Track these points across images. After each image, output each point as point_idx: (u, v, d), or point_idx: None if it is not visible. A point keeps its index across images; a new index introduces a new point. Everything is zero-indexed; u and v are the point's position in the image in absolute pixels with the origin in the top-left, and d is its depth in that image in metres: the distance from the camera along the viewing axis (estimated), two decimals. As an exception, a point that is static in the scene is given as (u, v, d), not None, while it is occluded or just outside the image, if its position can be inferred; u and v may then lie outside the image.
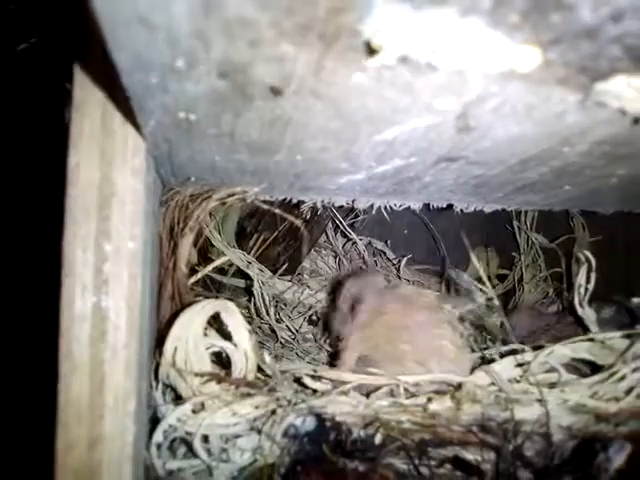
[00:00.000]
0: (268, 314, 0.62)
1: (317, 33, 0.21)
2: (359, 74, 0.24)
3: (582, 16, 0.19)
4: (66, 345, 0.32)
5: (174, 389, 0.40)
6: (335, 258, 0.87)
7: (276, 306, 0.74)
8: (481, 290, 0.66)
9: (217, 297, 0.63)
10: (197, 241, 0.56)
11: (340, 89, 0.26)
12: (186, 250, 0.44)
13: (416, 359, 0.48)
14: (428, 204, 0.54)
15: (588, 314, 0.54)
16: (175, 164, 0.40)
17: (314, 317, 0.76)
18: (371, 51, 0.21)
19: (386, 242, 0.89)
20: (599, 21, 0.20)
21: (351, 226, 0.84)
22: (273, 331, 0.67)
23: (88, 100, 0.34)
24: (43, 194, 0.37)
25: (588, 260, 0.53)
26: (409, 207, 0.56)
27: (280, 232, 0.82)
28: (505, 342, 0.53)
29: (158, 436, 0.38)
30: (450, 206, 0.55)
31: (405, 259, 0.86)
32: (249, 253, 0.76)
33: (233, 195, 0.44)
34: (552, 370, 0.48)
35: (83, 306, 0.33)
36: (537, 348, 0.50)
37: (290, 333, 0.72)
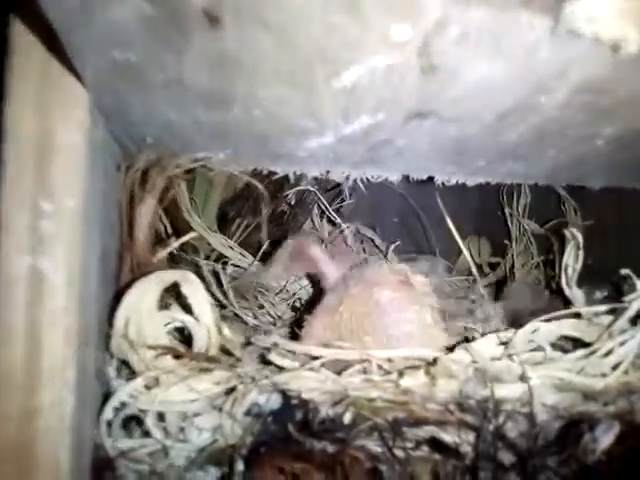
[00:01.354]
0: (227, 298, 0.59)
1: None
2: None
3: None
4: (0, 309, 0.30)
5: (128, 364, 0.37)
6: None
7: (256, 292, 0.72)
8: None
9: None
10: (174, 219, 0.54)
11: (283, 13, 0.24)
12: (146, 218, 0.42)
13: (379, 349, 0.45)
14: (407, 176, 0.51)
15: (576, 295, 0.52)
16: (129, 123, 0.38)
17: (297, 304, 0.74)
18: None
19: (374, 229, 0.87)
20: None
21: (337, 211, 0.81)
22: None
23: (25, 49, 0.31)
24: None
25: (576, 238, 0.51)
26: (390, 184, 0.53)
27: (263, 217, 0.79)
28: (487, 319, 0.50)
29: (108, 413, 0.36)
30: (431, 179, 0.52)
31: (393, 246, 0.83)
32: (231, 238, 0.74)
33: (196, 161, 0.42)
34: (537, 349, 0.45)
35: (17, 267, 0.30)
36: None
37: (271, 319, 0.69)
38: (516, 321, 0.69)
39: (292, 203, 0.82)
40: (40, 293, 0.31)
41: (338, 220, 0.80)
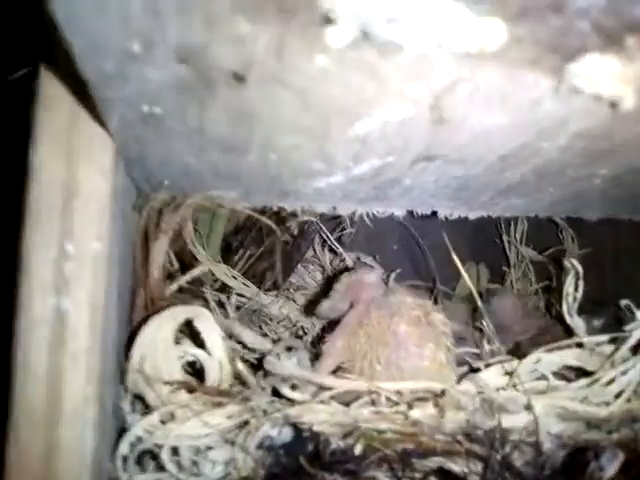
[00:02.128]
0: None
1: (274, 7, 0.20)
2: (322, 57, 0.24)
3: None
4: (22, 349, 0.31)
5: (143, 399, 0.38)
6: (322, 273, 0.86)
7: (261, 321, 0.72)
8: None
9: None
10: (176, 250, 0.55)
11: (304, 75, 0.25)
12: (160, 256, 0.43)
13: (388, 380, 0.46)
14: (412, 211, 0.53)
15: (577, 323, 0.53)
16: (147, 167, 0.39)
17: (300, 332, 0.74)
18: (329, 22, 0.20)
19: (374, 257, 0.88)
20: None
21: (339, 240, 0.83)
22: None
23: (53, 97, 0.33)
24: (4, 192, 0.36)
25: (575, 268, 0.52)
26: (395, 217, 0.55)
27: (266, 248, 0.81)
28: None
29: (124, 448, 0.36)
30: (434, 214, 0.54)
31: (394, 274, 0.84)
32: (235, 268, 0.75)
33: (209, 200, 0.43)
34: (540, 378, 0.46)
35: (42, 308, 0.31)
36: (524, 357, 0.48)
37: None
38: (501, 334, 0.71)
39: (294, 233, 0.83)
40: (63, 334, 0.32)
41: (340, 249, 0.81)
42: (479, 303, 0.57)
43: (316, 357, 0.48)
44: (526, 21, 0.21)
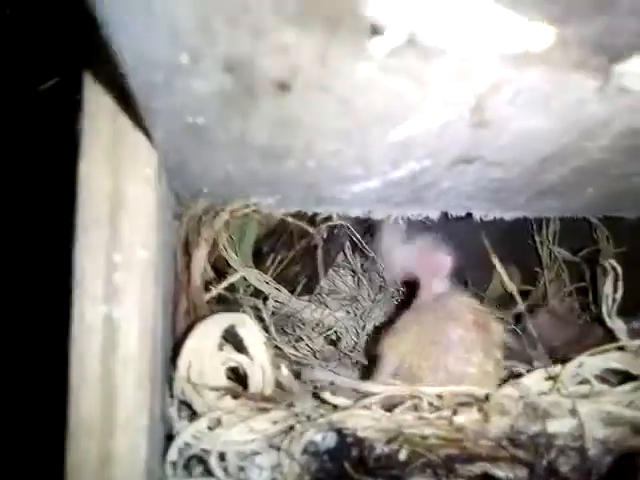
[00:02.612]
0: (269, 333, 0.61)
1: (320, 17, 0.21)
2: (366, 64, 0.24)
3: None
4: (77, 357, 0.31)
5: (189, 405, 0.39)
6: (353, 277, 0.86)
7: (294, 326, 0.73)
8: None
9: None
10: (212, 257, 0.56)
11: (347, 82, 0.26)
12: (200, 263, 0.44)
13: (434, 382, 0.46)
14: (446, 213, 0.52)
15: (618, 325, 0.52)
16: (188, 176, 0.40)
17: (333, 337, 0.75)
18: (375, 31, 0.20)
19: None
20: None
21: (369, 244, 0.83)
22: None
23: (99, 110, 0.34)
24: (54, 204, 0.37)
25: (614, 269, 0.52)
26: (428, 219, 0.55)
27: (297, 252, 0.81)
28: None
29: (173, 454, 0.37)
30: (469, 215, 0.53)
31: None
32: (266, 273, 0.75)
33: (247, 207, 0.44)
34: (583, 382, 0.46)
35: (94, 317, 0.32)
36: (566, 361, 0.48)
37: (309, 352, 0.70)
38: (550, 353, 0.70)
39: (324, 237, 0.83)
40: (114, 341, 0.32)
41: (371, 253, 0.81)
42: (520, 303, 0.56)
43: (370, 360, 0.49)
44: (572, 22, 0.21)
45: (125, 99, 0.31)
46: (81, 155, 0.33)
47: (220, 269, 0.66)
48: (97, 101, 0.33)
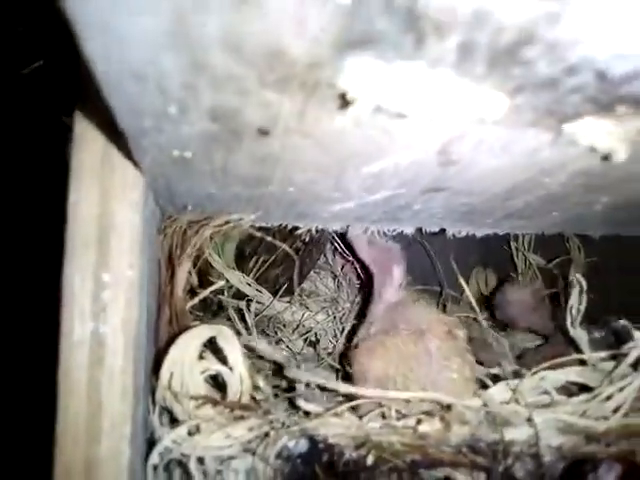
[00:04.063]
0: (250, 334, 0.63)
1: (297, 84, 0.23)
2: (340, 118, 0.26)
3: (540, 70, 0.21)
4: (64, 369, 0.34)
5: (170, 412, 0.41)
6: (334, 280, 0.88)
7: (275, 327, 0.75)
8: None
9: (215, 318, 0.65)
10: (196, 264, 0.58)
11: (324, 130, 0.28)
12: (183, 276, 0.46)
13: (420, 387, 0.48)
14: (421, 229, 0.55)
15: (580, 335, 0.55)
16: (173, 195, 0.42)
17: (313, 339, 0.77)
18: (346, 103, 0.22)
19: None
20: (556, 75, 0.21)
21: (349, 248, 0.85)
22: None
23: (88, 136, 0.35)
24: (44, 225, 0.39)
25: (580, 282, 0.55)
26: (403, 235, 0.57)
27: (279, 254, 0.83)
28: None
29: (154, 458, 0.39)
30: (443, 231, 0.56)
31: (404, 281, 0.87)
32: (248, 275, 0.77)
33: (230, 222, 0.46)
34: (543, 393, 0.49)
35: (81, 332, 0.34)
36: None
37: (288, 354, 0.73)
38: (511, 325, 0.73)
39: (306, 241, 0.85)
40: (101, 355, 0.35)
41: (350, 257, 0.84)
42: (478, 314, 0.59)
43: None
44: (524, 94, 0.23)
45: (114, 131, 0.33)
46: (71, 181, 0.35)
47: (203, 271, 0.68)
48: (86, 131, 0.35)
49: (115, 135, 0.34)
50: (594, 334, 0.60)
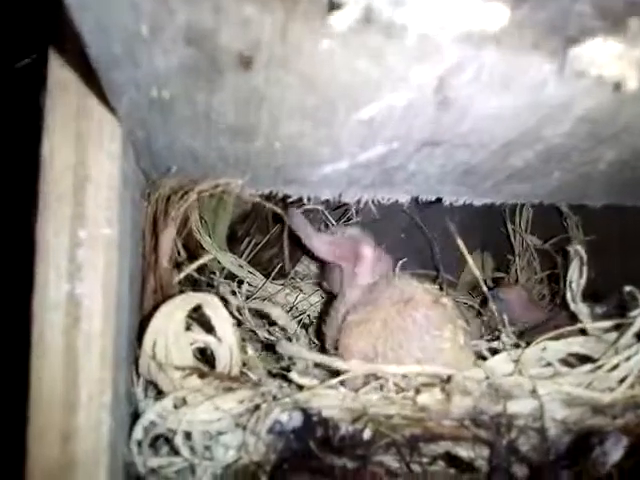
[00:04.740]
0: (242, 316, 0.60)
1: (279, -8, 0.21)
2: (326, 41, 0.24)
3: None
4: (38, 333, 0.31)
5: (155, 384, 0.39)
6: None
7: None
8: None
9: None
10: (185, 238, 0.55)
11: (309, 59, 0.26)
12: (168, 243, 0.44)
13: (414, 358, 0.46)
14: (417, 198, 0.53)
15: (581, 309, 0.53)
16: (154, 153, 0.39)
17: (307, 320, 0.75)
18: (333, 7, 0.20)
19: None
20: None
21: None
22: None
23: (63, 83, 0.33)
24: (17, 180, 0.36)
25: (579, 254, 0.53)
26: (400, 205, 0.55)
27: (272, 236, 0.81)
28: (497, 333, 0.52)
29: (138, 433, 0.37)
30: (439, 200, 0.54)
31: (400, 262, 0.85)
32: (241, 257, 0.75)
33: (216, 187, 0.44)
34: (546, 365, 0.47)
35: (56, 293, 0.32)
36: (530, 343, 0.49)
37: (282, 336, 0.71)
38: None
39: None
40: (78, 318, 0.32)
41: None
42: (485, 290, 0.57)
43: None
44: (525, 4, 0.21)
45: (89, 74, 0.31)
46: (44, 129, 0.33)
47: (194, 252, 0.65)
48: (61, 76, 0.33)
49: (92, 82, 0.32)
50: (596, 310, 0.59)
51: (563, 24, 0.22)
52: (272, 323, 0.71)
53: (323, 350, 0.58)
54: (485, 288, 0.56)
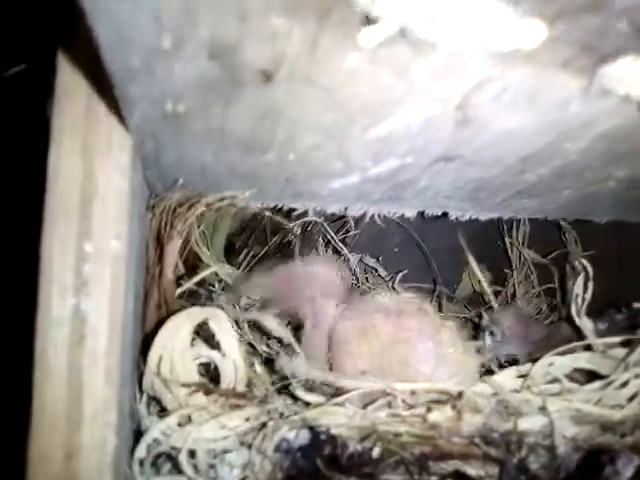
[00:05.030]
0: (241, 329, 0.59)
1: (311, 5, 0.20)
2: (354, 55, 0.23)
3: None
4: (41, 350, 0.30)
5: (159, 401, 0.38)
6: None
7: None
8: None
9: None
10: (184, 252, 0.54)
11: (333, 74, 0.25)
12: (173, 256, 0.43)
13: (421, 370, 0.45)
14: (422, 212, 0.52)
15: (586, 324, 0.53)
16: (162, 166, 0.39)
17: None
18: (368, 21, 0.20)
19: (378, 259, 0.88)
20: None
21: (343, 242, 0.82)
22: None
23: (72, 91, 0.32)
24: (24, 192, 0.35)
25: (585, 269, 0.53)
26: (403, 218, 0.55)
27: (270, 248, 0.80)
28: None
29: (141, 451, 0.36)
30: (445, 215, 0.53)
31: (399, 276, 0.84)
32: (238, 268, 0.74)
33: (222, 200, 0.43)
34: (553, 381, 0.46)
35: (61, 308, 0.31)
36: (536, 360, 0.48)
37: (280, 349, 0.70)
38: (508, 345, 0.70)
39: (298, 234, 0.82)
40: (83, 335, 0.31)
41: (344, 250, 0.81)
42: (492, 299, 0.56)
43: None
44: (564, 21, 0.21)
45: (100, 82, 0.30)
46: (52, 140, 0.32)
47: (192, 264, 0.64)
48: (70, 83, 0.32)
49: (102, 90, 0.31)
50: (598, 326, 0.58)
51: (599, 42, 0.22)
52: (271, 336, 0.70)
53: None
54: (493, 299, 0.55)
